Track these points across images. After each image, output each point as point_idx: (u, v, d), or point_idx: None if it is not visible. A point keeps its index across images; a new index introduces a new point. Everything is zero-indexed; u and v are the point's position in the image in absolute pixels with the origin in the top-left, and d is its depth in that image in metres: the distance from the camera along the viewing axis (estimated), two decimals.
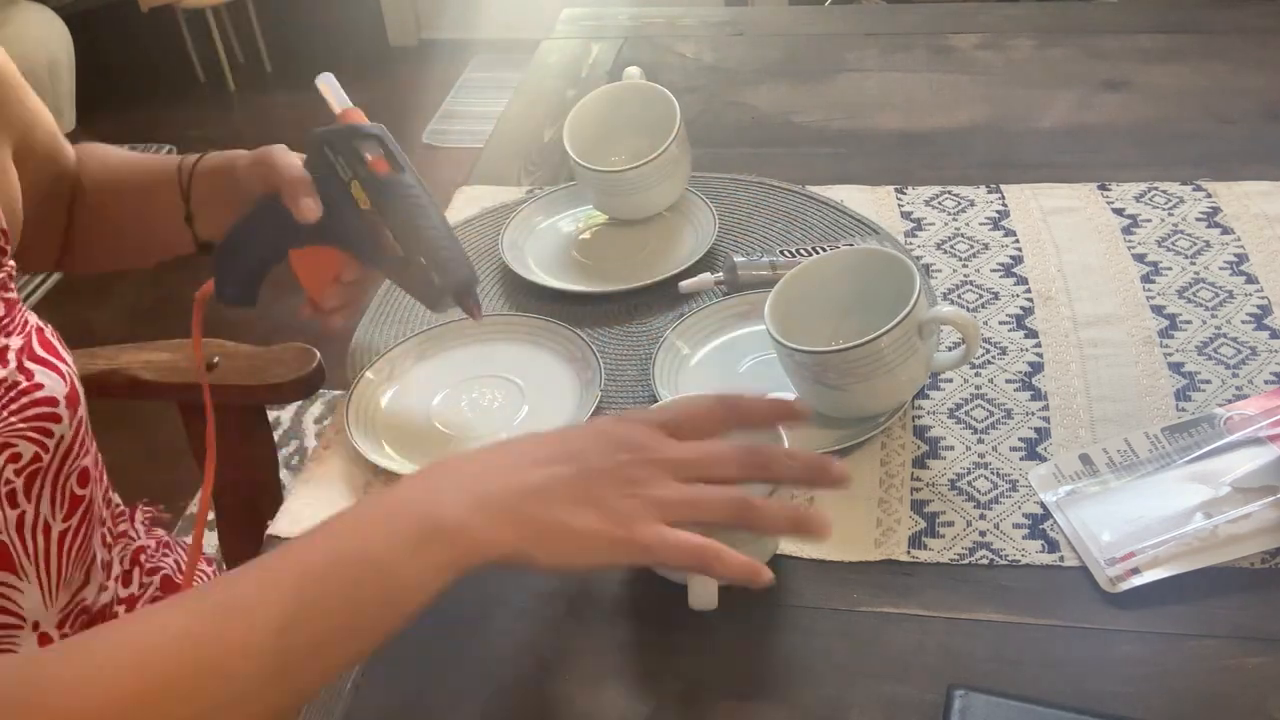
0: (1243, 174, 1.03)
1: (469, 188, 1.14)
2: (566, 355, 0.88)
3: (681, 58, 1.36)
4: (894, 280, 0.76)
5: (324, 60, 3.67)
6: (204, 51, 3.59)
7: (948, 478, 0.76)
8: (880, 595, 0.69)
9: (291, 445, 2.17)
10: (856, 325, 0.78)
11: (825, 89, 1.26)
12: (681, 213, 1.04)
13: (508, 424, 0.84)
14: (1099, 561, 0.69)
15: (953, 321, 0.74)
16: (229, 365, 1.01)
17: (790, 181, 1.08)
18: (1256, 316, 0.87)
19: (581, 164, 1.00)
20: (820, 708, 0.63)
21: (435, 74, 3.59)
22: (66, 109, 3.27)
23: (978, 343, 0.76)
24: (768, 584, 0.58)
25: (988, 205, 1.03)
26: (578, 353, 0.88)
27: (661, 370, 0.85)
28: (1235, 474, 0.71)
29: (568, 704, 0.65)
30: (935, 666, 0.65)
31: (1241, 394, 0.80)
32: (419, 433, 0.84)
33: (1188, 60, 1.24)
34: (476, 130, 3.18)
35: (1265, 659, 0.63)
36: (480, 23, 3.77)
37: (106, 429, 0.88)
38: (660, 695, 0.65)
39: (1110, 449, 0.76)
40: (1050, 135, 1.13)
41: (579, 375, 0.86)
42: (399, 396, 0.87)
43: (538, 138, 1.22)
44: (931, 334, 0.75)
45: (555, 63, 1.38)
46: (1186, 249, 0.95)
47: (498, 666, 0.67)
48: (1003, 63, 1.27)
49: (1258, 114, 1.13)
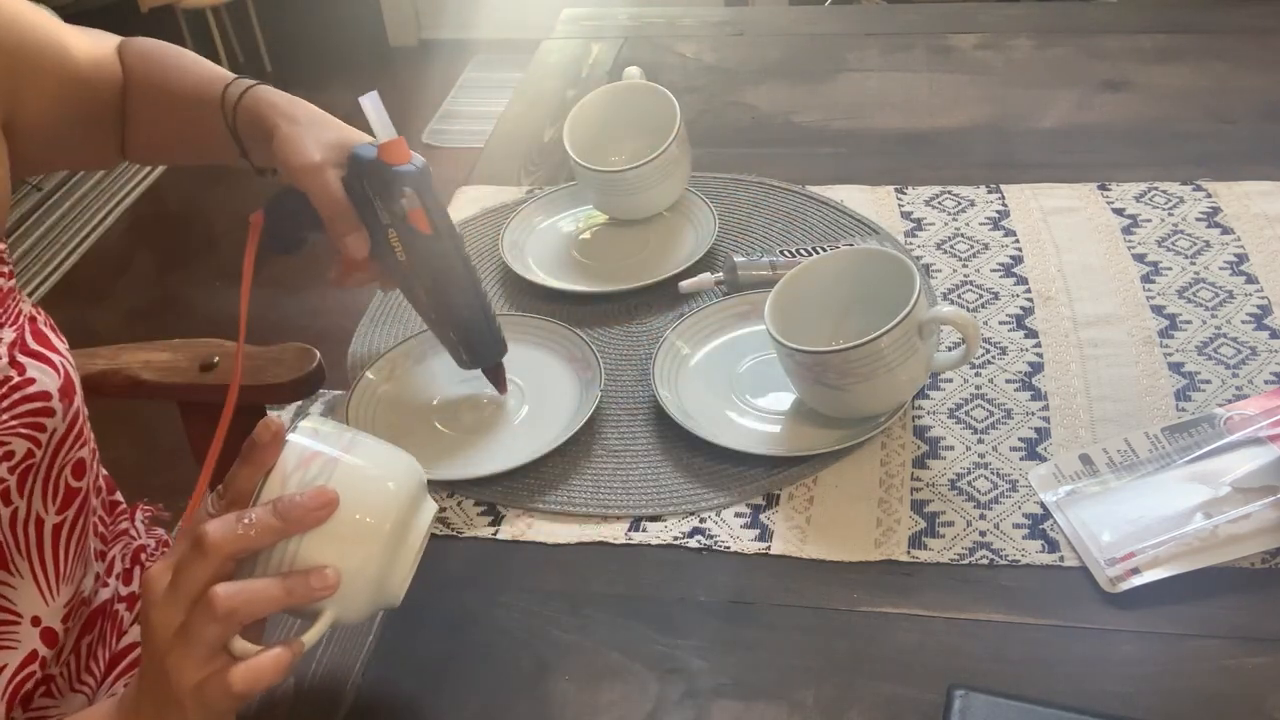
0: (1243, 174, 1.03)
1: (469, 188, 1.14)
2: (567, 355, 0.88)
3: (681, 58, 1.36)
4: (894, 280, 0.76)
5: (324, 60, 3.67)
6: (204, 51, 3.54)
7: (948, 478, 0.76)
8: (880, 595, 0.69)
9: None
10: (857, 325, 0.78)
11: (825, 89, 1.26)
12: (681, 213, 1.04)
13: (508, 423, 0.84)
14: (1099, 561, 0.69)
15: (953, 321, 0.74)
16: (229, 365, 1.01)
17: (790, 181, 1.08)
18: (1256, 316, 0.87)
19: (581, 164, 1.00)
20: (820, 708, 0.63)
21: (435, 74, 3.59)
22: None
23: (978, 343, 0.76)
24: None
25: (988, 205, 1.03)
26: (578, 353, 0.88)
27: (661, 370, 0.85)
28: (1235, 474, 0.71)
29: (568, 704, 0.65)
30: (935, 666, 0.65)
31: (1241, 394, 0.80)
32: (419, 433, 0.84)
33: (1188, 60, 1.24)
34: (476, 130, 3.18)
35: (1265, 659, 0.63)
36: (480, 23, 3.77)
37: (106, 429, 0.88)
38: (660, 695, 0.65)
39: (1110, 449, 0.76)
40: (1050, 135, 1.13)
41: (579, 375, 0.86)
42: (399, 397, 0.87)
43: (538, 138, 1.22)
44: (931, 334, 0.75)
45: (555, 63, 1.38)
46: (1186, 249, 0.95)
47: (498, 666, 0.67)
48: (1003, 63, 1.27)
49: (1258, 114, 1.13)
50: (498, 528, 0.77)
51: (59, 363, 0.73)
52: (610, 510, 0.77)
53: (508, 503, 0.78)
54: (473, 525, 0.77)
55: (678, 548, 0.74)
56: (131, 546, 0.89)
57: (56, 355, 0.73)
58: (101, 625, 0.81)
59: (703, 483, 0.78)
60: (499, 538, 0.76)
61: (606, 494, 0.78)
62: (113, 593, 0.83)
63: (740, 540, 0.74)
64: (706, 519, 0.76)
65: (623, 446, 0.82)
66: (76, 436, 0.75)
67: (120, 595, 0.84)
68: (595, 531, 0.76)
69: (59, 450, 0.73)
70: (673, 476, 0.79)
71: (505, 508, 0.78)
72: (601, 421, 0.84)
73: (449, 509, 0.78)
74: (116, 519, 0.90)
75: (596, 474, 0.80)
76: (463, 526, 0.77)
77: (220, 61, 3.97)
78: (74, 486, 0.75)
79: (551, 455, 0.80)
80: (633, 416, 0.84)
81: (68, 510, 0.74)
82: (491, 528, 0.77)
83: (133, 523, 0.92)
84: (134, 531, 0.91)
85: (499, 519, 0.77)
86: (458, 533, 0.77)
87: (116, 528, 0.89)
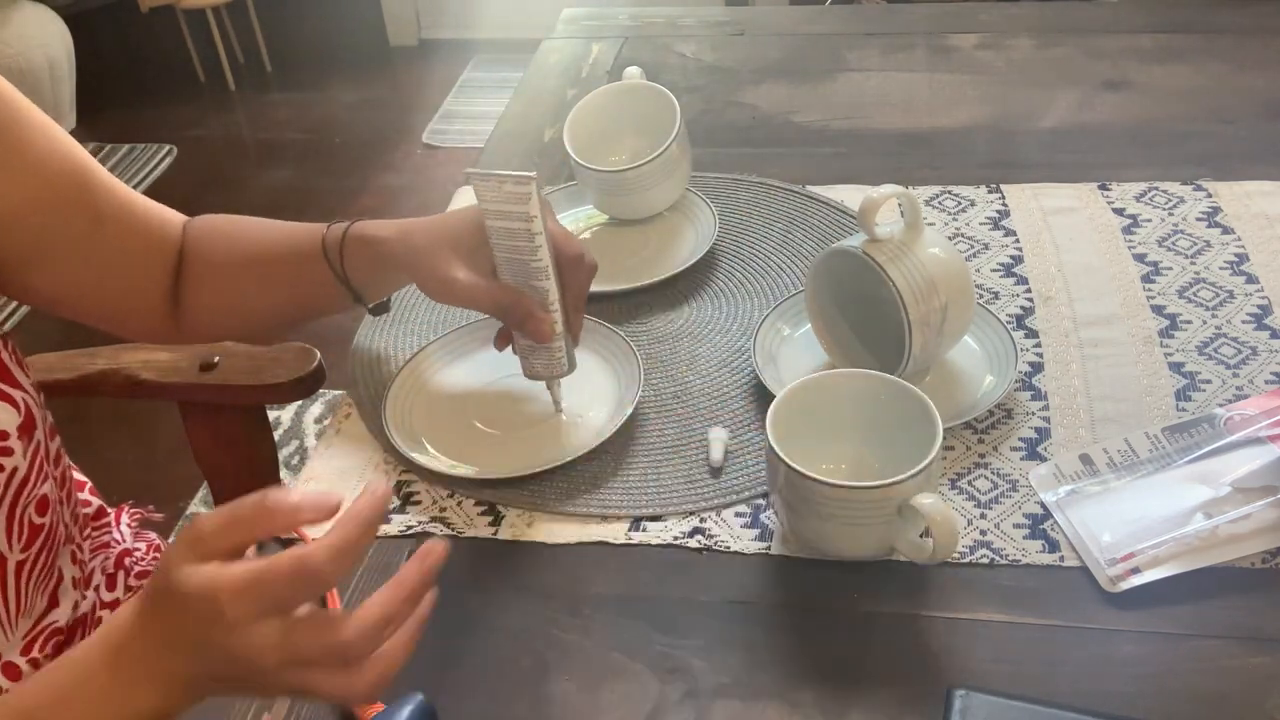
0: (1243, 174, 1.03)
1: (469, 188, 1.14)
2: (605, 352, 0.88)
3: (681, 58, 1.36)
4: (912, 418, 0.70)
5: (324, 60, 3.67)
6: (204, 51, 3.58)
7: (948, 478, 0.76)
8: (880, 595, 0.69)
9: (291, 445, 2.17)
10: (867, 442, 0.74)
11: (825, 89, 1.26)
12: (681, 213, 1.04)
13: (546, 419, 0.84)
14: (1099, 561, 0.69)
15: (930, 518, 0.65)
16: (229, 365, 1.01)
17: (790, 181, 1.08)
18: (1257, 316, 0.87)
19: (582, 164, 1.00)
20: (820, 708, 0.63)
21: (435, 74, 3.59)
22: (67, 109, 3.27)
23: (949, 550, 0.66)
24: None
25: (988, 205, 1.03)
26: (617, 349, 0.88)
27: (761, 346, 0.86)
28: (1235, 474, 0.71)
29: (568, 704, 0.65)
30: (935, 666, 0.65)
31: (1242, 394, 0.80)
32: (459, 431, 0.84)
33: (1188, 60, 1.24)
34: (476, 130, 3.18)
35: (1265, 659, 0.63)
36: (480, 23, 3.77)
37: (106, 429, 0.88)
38: (661, 695, 0.65)
39: (1110, 449, 0.76)
40: (1050, 135, 1.13)
41: (618, 373, 0.86)
42: (434, 397, 0.87)
43: (538, 138, 1.22)
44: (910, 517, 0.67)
45: (555, 63, 1.38)
46: (1187, 249, 0.95)
47: (498, 666, 0.67)
48: (1003, 63, 1.27)
49: (1258, 114, 1.13)
50: (498, 528, 0.77)
51: (19, 399, 0.70)
52: (610, 510, 0.77)
53: (508, 503, 0.78)
54: (473, 525, 0.77)
55: (678, 548, 0.74)
56: (114, 553, 0.88)
57: (18, 391, 0.70)
58: (83, 634, 0.80)
59: (703, 483, 0.78)
60: (499, 538, 0.76)
61: (606, 494, 0.78)
62: (92, 604, 0.82)
63: (740, 540, 0.74)
64: (706, 519, 0.76)
65: (623, 446, 0.82)
66: (39, 473, 0.72)
67: (103, 602, 0.84)
68: (595, 531, 0.76)
69: (22, 490, 0.70)
70: (673, 476, 0.79)
71: (505, 508, 0.78)
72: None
73: (449, 509, 0.78)
74: (99, 530, 0.88)
75: (596, 474, 0.80)
76: (463, 526, 0.77)
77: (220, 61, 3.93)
78: (38, 523, 0.73)
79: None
80: (634, 416, 0.84)
81: (31, 548, 0.72)
82: (491, 528, 0.77)
83: (117, 526, 0.91)
84: (118, 536, 0.90)
85: (499, 519, 0.77)
86: (458, 533, 0.77)
87: (98, 540, 0.88)
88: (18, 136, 0.74)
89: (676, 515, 0.76)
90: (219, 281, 0.86)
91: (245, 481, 1.07)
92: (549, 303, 0.78)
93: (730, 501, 0.77)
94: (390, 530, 0.77)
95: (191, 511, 2.03)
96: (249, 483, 1.06)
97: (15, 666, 0.73)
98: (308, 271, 0.82)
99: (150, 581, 0.54)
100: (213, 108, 3.51)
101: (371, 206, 2.94)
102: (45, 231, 0.77)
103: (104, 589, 0.85)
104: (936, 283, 0.77)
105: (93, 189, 0.79)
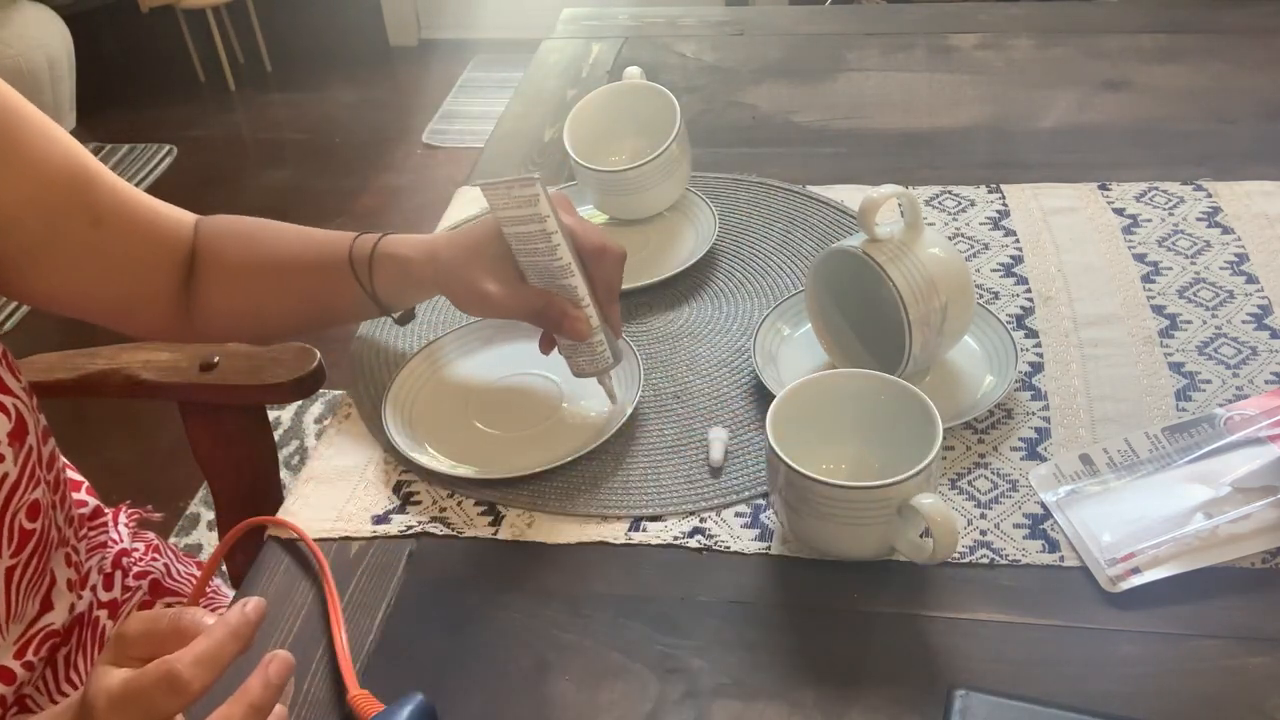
0: (1243, 174, 1.03)
1: (469, 188, 1.14)
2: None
3: (681, 58, 1.36)
4: (912, 420, 0.70)
5: (324, 60, 3.67)
6: (204, 51, 3.59)
7: (948, 478, 0.76)
8: (880, 595, 0.69)
9: (291, 445, 2.17)
10: (854, 449, 0.74)
11: (825, 89, 1.26)
12: (681, 213, 1.04)
13: (546, 419, 0.84)
14: (1099, 561, 0.69)
15: (930, 519, 0.65)
16: (229, 365, 1.01)
17: (790, 181, 1.08)
18: (1257, 316, 0.87)
19: (582, 164, 1.00)
20: (820, 708, 0.63)
21: (435, 74, 3.59)
22: (67, 109, 3.27)
23: (948, 550, 0.66)
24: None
25: (988, 205, 1.03)
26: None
27: (761, 346, 0.86)
28: (1235, 474, 0.71)
29: (568, 704, 0.65)
30: (935, 666, 0.65)
31: (1242, 394, 0.80)
32: (460, 431, 0.84)
33: (1188, 60, 1.24)
34: (476, 130, 3.18)
35: (1265, 659, 0.63)
36: (480, 23, 3.77)
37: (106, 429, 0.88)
38: (661, 695, 0.65)
39: (1110, 449, 0.76)
40: (1050, 135, 1.13)
41: (618, 373, 0.86)
42: (435, 397, 0.87)
43: (538, 138, 1.22)
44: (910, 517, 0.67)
45: (555, 63, 1.38)
46: (1187, 249, 0.95)
47: (498, 666, 0.67)
48: (1003, 63, 1.27)
49: (1258, 114, 1.13)
50: (498, 528, 0.77)
51: (10, 405, 0.70)
52: (610, 510, 0.77)
53: (508, 503, 0.78)
54: (473, 525, 0.77)
55: (678, 548, 0.74)
56: (111, 553, 0.88)
57: (8, 396, 0.70)
58: (80, 634, 0.80)
59: (703, 483, 0.78)
60: (499, 538, 0.76)
61: (606, 494, 0.78)
62: (89, 604, 0.82)
63: (740, 540, 0.74)
64: (706, 519, 0.76)
65: (623, 446, 0.82)
66: (30, 478, 0.72)
67: (100, 601, 0.84)
68: (595, 531, 0.76)
69: (12, 495, 0.70)
70: (673, 476, 0.79)
71: (505, 508, 0.78)
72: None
73: (449, 509, 0.78)
74: (95, 530, 0.88)
75: (596, 474, 0.80)
76: (463, 526, 0.77)
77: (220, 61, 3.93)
78: (28, 529, 0.73)
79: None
80: (634, 416, 0.84)
81: (21, 554, 0.72)
82: (491, 528, 0.77)
83: (114, 526, 0.91)
84: (115, 536, 0.90)
85: (499, 519, 0.77)
86: (458, 533, 0.77)
87: (94, 540, 0.87)
88: (16, 138, 0.74)
89: (676, 515, 0.76)
90: (232, 284, 0.86)
91: (245, 481, 1.07)
92: (579, 299, 0.78)
93: (730, 501, 0.77)
94: (390, 530, 0.77)
95: (189, 512, 2.03)
96: (249, 482, 1.07)
97: (9, 670, 0.73)
98: (331, 283, 0.83)
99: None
100: (213, 108, 3.52)
101: (371, 206, 2.94)
102: (45, 232, 0.77)
103: (101, 589, 0.84)
104: (936, 282, 0.77)
105: (93, 189, 0.79)
